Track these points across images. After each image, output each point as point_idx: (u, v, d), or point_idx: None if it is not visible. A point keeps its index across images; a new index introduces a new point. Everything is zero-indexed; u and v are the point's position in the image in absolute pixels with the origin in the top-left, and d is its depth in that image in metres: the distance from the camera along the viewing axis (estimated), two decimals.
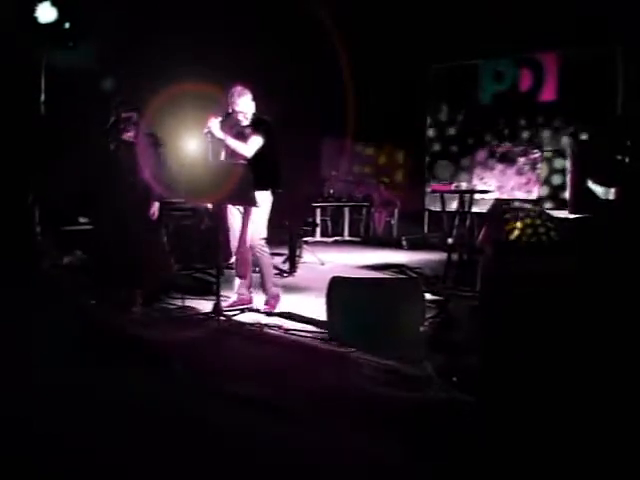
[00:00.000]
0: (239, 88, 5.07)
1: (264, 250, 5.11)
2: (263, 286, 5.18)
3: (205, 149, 4.97)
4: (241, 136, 5.04)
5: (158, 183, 5.14)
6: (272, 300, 5.14)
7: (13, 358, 3.68)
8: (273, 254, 5.78)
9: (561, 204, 9.45)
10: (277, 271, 6.66)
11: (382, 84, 10.19)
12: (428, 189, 10.14)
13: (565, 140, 9.25)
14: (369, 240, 10.77)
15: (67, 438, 2.77)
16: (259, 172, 4.83)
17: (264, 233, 5.10)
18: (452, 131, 10.99)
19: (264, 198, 5.00)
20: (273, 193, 5.11)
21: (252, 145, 4.98)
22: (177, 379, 3.51)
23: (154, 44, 7.53)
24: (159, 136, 5.33)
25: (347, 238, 11.14)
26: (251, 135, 5.00)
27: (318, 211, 10.70)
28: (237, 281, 5.28)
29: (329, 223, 11.33)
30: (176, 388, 3.38)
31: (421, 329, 4.15)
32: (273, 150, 5.09)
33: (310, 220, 9.94)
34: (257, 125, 5.05)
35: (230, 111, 5.09)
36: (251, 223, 5.05)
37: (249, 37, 8.62)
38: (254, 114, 5.12)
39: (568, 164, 9.14)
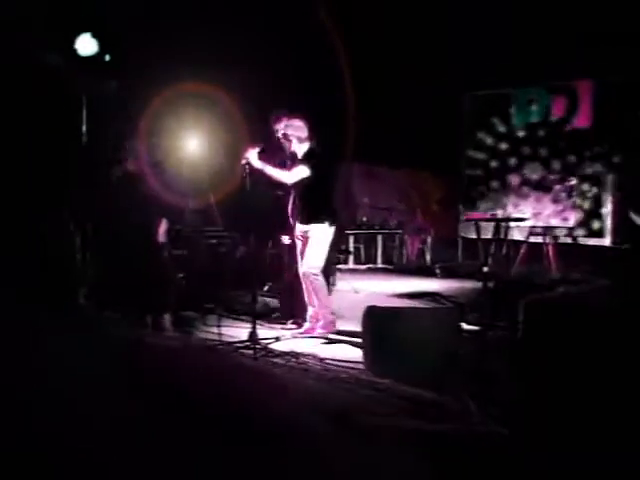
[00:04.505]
0: (288, 116, 5.26)
1: (317, 279, 5.20)
2: (316, 310, 5.27)
3: (243, 180, 5.02)
4: (286, 164, 5.14)
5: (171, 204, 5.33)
6: (327, 326, 5.22)
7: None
8: None
9: (595, 232, 9.34)
10: None
11: (416, 111, 10.21)
12: (463, 216, 10.08)
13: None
14: (402, 268, 10.72)
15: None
16: (313, 205, 5.03)
17: (319, 264, 5.19)
18: (486, 159, 10.95)
19: (321, 231, 5.12)
20: (331, 226, 5.19)
21: (295, 173, 5.07)
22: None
23: (153, 43, 7.53)
24: (161, 161, 5.50)
25: (380, 265, 11.10)
26: (298, 164, 5.08)
27: (351, 238, 10.70)
28: (310, 309, 5.39)
29: (362, 250, 11.31)
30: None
31: (458, 360, 4.09)
32: (326, 182, 5.21)
33: (343, 248, 9.94)
34: (306, 156, 5.15)
35: (278, 136, 5.25)
36: (308, 252, 5.17)
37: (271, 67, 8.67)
38: (310, 145, 5.22)
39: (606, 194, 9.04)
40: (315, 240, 5.14)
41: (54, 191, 6.01)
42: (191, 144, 7.24)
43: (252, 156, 4.96)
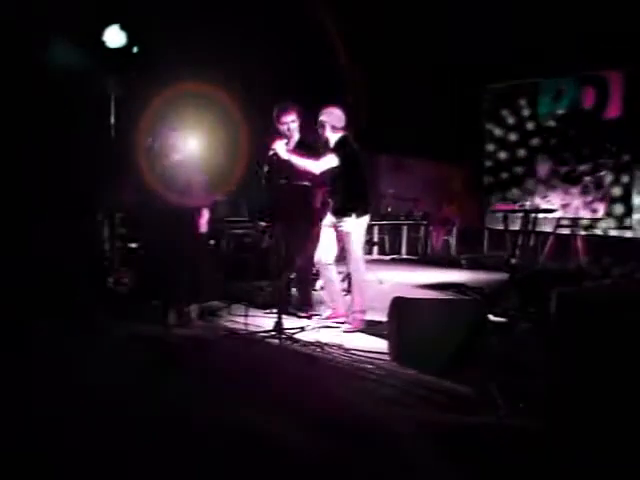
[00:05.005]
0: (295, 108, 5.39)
1: (358, 271, 5.22)
2: (351, 304, 5.27)
3: (268, 171, 5.05)
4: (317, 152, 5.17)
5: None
6: (355, 322, 5.17)
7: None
8: None
9: (625, 224, 9.21)
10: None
11: (442, 102, 10.14)
12: (491, 207, 9.99)
13: None
14: (427, 258, 10.66)
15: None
16: (342, 197, 5.05)
17: (361, 260, 5.23)
18: (514, 149, 10.84)
19: (352, 226, 5.10)
20: (361, 217, 5.15)
21: (323, 162, 5.06)
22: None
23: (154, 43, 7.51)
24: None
25: (404, 256, 11.05)
26: (327, 153, 5.09)
27: (375, 229, 10.65)
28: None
29: (386, 241, 11.27)
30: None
31: (485, 351, 4.07)
32: (356, 174, 5.18)
33: (368, 238, 9.90)
34: (336, 146, 5.14)
35: (285, 128, 5.35)
36: (348, 253, 5.18)
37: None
38: (342, 135, 5.20)
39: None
40: (349, 239, 5.11)
41: (81, 182, 6.08)
42: (192, 143, 7.25)
43: (279, 147, 4.98)
